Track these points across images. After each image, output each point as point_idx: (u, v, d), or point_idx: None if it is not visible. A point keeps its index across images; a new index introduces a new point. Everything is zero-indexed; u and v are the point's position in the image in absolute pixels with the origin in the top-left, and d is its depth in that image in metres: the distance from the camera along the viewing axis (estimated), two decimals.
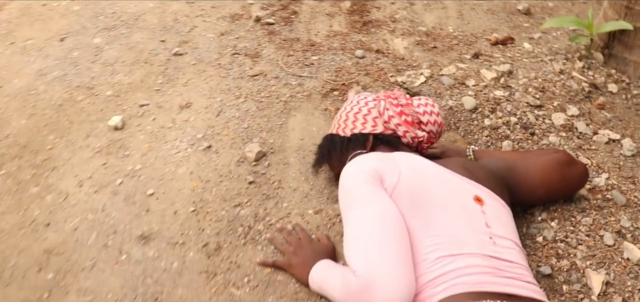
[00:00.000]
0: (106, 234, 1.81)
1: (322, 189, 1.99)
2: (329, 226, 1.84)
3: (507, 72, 2.64)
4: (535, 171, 1.78)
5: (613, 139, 2.25)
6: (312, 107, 2.45)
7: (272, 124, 2.33)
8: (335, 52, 2.93)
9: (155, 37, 3.06)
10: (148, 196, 1.96)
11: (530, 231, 1.83)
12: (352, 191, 1.45)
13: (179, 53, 2.88)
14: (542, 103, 2.42)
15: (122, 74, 2.70)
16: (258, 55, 2.88)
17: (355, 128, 1.82)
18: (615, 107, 2.49)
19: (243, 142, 2.21)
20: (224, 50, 2.93)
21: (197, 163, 2.10)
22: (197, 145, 2.19)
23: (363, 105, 1.87)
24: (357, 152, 1.78)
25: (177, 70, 2.74)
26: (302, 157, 2.15)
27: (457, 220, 1.42)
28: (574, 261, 1.72)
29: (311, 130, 2.30)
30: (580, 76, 2.60)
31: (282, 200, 1.95)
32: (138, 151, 2.17)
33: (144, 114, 2.39)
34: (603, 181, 2.02)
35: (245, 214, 1.88)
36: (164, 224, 1.84)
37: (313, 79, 2.66)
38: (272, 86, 2.60)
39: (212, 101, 2.47)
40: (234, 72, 2.71)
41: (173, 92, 2.55)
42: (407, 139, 1.80)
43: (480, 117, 2.35)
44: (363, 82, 2.62)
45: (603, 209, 1.91)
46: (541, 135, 2.25)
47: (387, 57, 2.88)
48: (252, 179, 2.02)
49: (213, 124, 2.32)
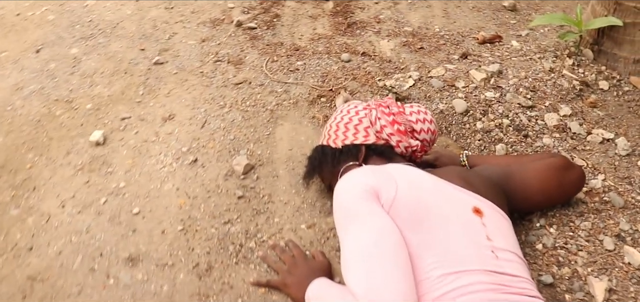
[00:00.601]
0: (92, 257, 1.76)
1: (313, 202, 1.95)
2: (323, 240, 1.81)
3: (496, 72, 2.61)
4: (533, 177, 1.75)
5: (607, 138, 2.24)
6: (300, 116, 2.41)
7: (259, 134, 2.29)
8: (321, 56, 2.89)
9: (134, 46, 3.00)
10: (134, 215, 1.91)
11: (529, 238, 1.80)
12: (348, 208, 1.41)
13: (160, 62, 2.83)
14: (534, 103, 2.40)
15: (101, 86, 2.64)
16: (241, 61, 2.84)
17: (347, 139, 1.78)
18: (607, 104, 2.47)
19: (230, 155, 2.16)
20: (205, 58, 2.88)
21: (183, 178, 2.05)
22: (183, 160, 2.14)
23: (353, 114, 1.82)
24: (350, 164, 1.74)
25: (159, 80, 2.69)
26: (291, 169, 2.11)
27: (457, 235, 1.39)
28: (575, 268, 1.70)
29: (299, 139, 2.26)
30: (570, 74, 2.59)
31: (273, 215, 1.91)
32: (121, 167, 2.12)
33: (126, 128, 2.34)
34: (600, 182, 2.00)
35: (236, 231, 1.84)
36: (152, 244, 1.80)
37: (299, 85, 2.62)
38: (257, 94, 2.55)
39: (196, 112, 2.43)
40: (217, 81, 2.67)
41: (155, 103, 2.50)
42: (400, 148, 1.76)
43: (472, 120, 2.33)
44: (351, 87, 2.58)
45: (601, 212, 1.89)
46: (534, 137, 2.23)
47: (373, 60, 2.85)
48: (241, 193, 1.98)
49: (198, 136, 2.27)
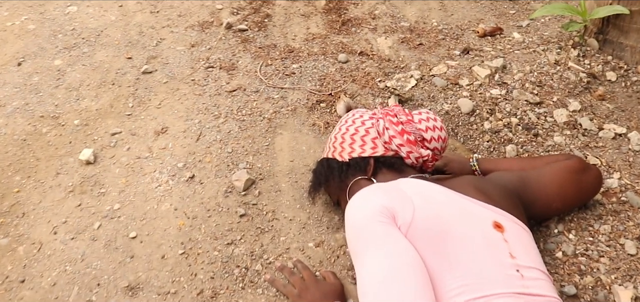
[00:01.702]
0: (89, 287, 1.70)
1: (320, 217, 1.90)
2: (332, 259, 1.75)
3: (500, 67, 2.57)
4: (550, 183, 1.70)
5: (619, 133, 2.20)
6: (299, 123, 2.35)
7: (258, 145, 2.23)
8: (317, 57, 2.83)
9: (120, 54, 2.93)
10: (131, 239, 1.85)
11: (548, 246, 1.76)
12: (362, 233, 1.35)
13: (148, 71, 2.76)
14: (541, 99, 2.36)
15: (88, 99, 2.57)
16: (234, 67, 2.78)
17: (354, 151, 1.72)
18: (616, 96, 2.43)
19: (229, 169, 2.10)
20: (196, 64, 2.82)
21: (181, 197, 1.99)
22: (179, 177, 2.08)
23: (360, 125, 1.76)
24: (358, 179, 1.68)
25: (148, 91, 2.62)
26: (294, 182, 2.05)
27: (480, 255, 1.34)
28: (599, 276, 1.66)
29: (301, 149, 2.20)
30: (576, 66, 2.55)
31: (278, 233, 1.85)
32: (114, 187, 2.06)
33: (116, 144, 2.28)
34: (616, 182, 1.97)
35: (240, 252, 1.79)
36: (152, 271, 1.74)
37: (296, 90, 2.56)
38: (253, 102, 2.49)
39: (190, 124, 2.36)
40: (210, 89, 2.60)
41: (146, 116, 2.44)
42: (411, 159, 1.71)
43: (479, 121, 2.28)
44: (350, 90, 2.53)
45: (620, 214, 1.85)
46: (545, 136, 2.19)
47: (372, 60, 2.79)
48: (243, 211, 1.92)
49: (193, 150, 2.21)
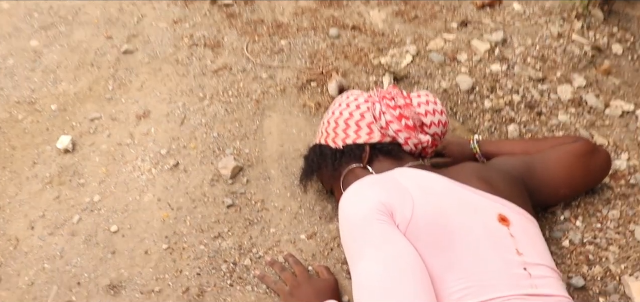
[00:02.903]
0: (68, 286, 1.64)
1: (312, 206, 1.84)
2: (326, 252, 1.70)
3: (500, 41, 2.50)
4: (557, 169, 1.64)
5: (627, 110, 2.15)
6: (289, 104, 2.28)
7: (246, 129, 2.16)
8: (306, 33, 2.75)
9: (99, 33, 2.84)
10: (112, 234, 1.79)
11: (554, 234, 1.71)
12: (358, 231, 1.28)
13: (129, 50, 2.67)
14: (544, 75, 2.30)
15: (66, 82, 2.49)
16: (219, 44, 2.69)
17: (348, 137, 1.65)
18: (622, 70, 2.38)
19: (215, 156, 2.04)
20: (179, 42, 2.73)
21: (165, 187, 1.92)
22: (162, 164, 2.01)
23: (354, 108, 1.68)
24: (353, 167, 1.61)
25: (129, 72, 2.54)
26: (284, 168, 1.99)
27: (484, 253, 1.28)
28: (608, 266, 1.61)
29: (291, 132, 2.13)
30: (580, 39, 2.48)
31: (268, 224, 1.79)
32: (94, 177, 1.99)
33: (96, 130, 2.20)
34: (624, 163, 1.92)
35: (228, 246, 1.73)
36: (135, 267, 1.68)
37: (285, 68, 2.49)
38: (239, 82, 2.42)
39: (173, 107, 2.29)
40: (194, 68, 2.52)
41: (127, 99, 2.36)
42: (409, 146, 1.64)
43: (479, 99, 2.22)
44: (343, 67, 2.45)
45: (629, 197, 1.81)
46: (549, 115, 2.13)
47: (364, 34, 2.71)
48: (230, 201, 1.86)
49: (177, 135, 2.14)
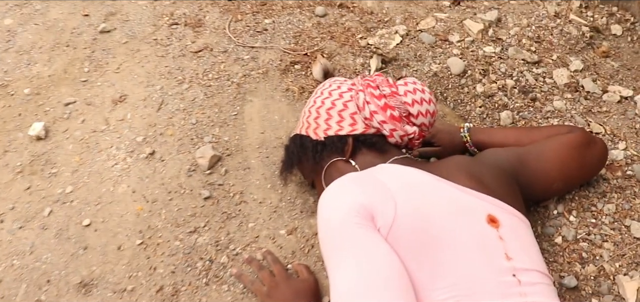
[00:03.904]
0: (38, 284, 1.59)
1: (293, 199, 1.79)
2: (306, 249, 1.65)
3: (495, 21, 2.44)
4: (551, 162, 1.58)
5: (625, 96, 2.10)
6: (271, 88, 2.22)
7: (225, 115, 2.10)
8: (292, 11, 2.68)
9: (76, 11, 2.77)
10: (84, 228, 1.74)
11: (546, 230, 1.66)
12: (336, 236, 1.23)
13: (106, 30, 2.61)
14: (540, 57, 2.24)
15: (40, 64, 2.42)
16: (200, 23, 2.63)
17: (330, 128, 1.59)
18: (621, 53, 2.32)
19: (193, 144, 1.98)
20: (159, 21, 2.66)
21: (140, 177, 1.87)
22: (138, 153, 1.96)
23: (337, 97, 1.62)
24: (335, 160, 1.56)
25: (106, 53, 2.47)
26: (265, 157, 1.94)
27: (471, 259, 1.23)
28: (602, 265, 1.57)
29: (272, 119, 2.08)
30: (578, 19, 2.42)
31: (246, 219, 1.74)
32: (67, 166, 1.94)
33: (70, 115, 2.14)
34: (621, 153, 1.87)
35: (204, 242, 1.68)
36: (107, 264, 1.64)
37: (268, 49, 2.43)
38: (220, 63, 2.36)
39: (151, 90, 2.23)
40: (173, 49, 2.46)
41: (103, 82, 2.30)
42: (394, 138, 1.57)
43: (471, 83, 2.16)
44: (328, 48, 2.39)
45: (625, 190, 1.76)
46: (544, 100, 2.08)
47: (352, 13, 2.65)
48: (207, 193, 1.81)
49: (154, 121, 2.08)
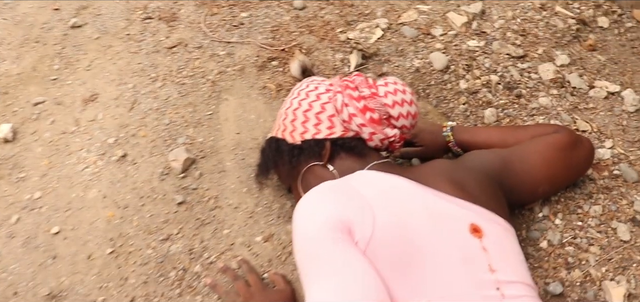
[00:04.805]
0: (4, 296, 1.56)
1: (270, 204, 1.76)
2: (283, 257, 1.62)
3: (479, 13, 2.41)
4: (536, 165, 1.55)
5: (612, 91, 2.08)
6: (247, 86, 2.19)
7: (200, 114, 2.06)
8: (269, 3, 2.65)
9: (46, 5, 2.72)
10: (53, 236, 1.71)
11: (531, 234, 1.64)
12: (313, 250, 1.19)
13: (78, 25, 2.56)
14: (525, 51, 2.22)
15: (9, 61, 2.37)
16: (175, 17, 2.58)
17: (307, 132, 1.55)
18: (608, 46, 2.30)
19: (166, 145, 1.95)
20: (132, 15, 2.62)
21: (111, 181, 1.83)
22: (109, 155, 1.92)
23: (314, 99, 1.58)
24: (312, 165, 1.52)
25: (77, 49, 2.43)
26: (240, 159, 1.90)
27: (453, 273, 1.20)
28: (588, 270, 1.55)
29: (249, 119, 2.04)
30: (564, 11, 2.40)
31: (221, 225, 1.71)
32: (36, 170, 1.90)
33: (39, 116, 2.10)
34: (608, 152, 1.85)
35: (177, 250, 1.65)
36: (77, 275, 1.61)
37: (245, 45, 2.38)
38: (195, 60, 2.32)
39: (123, 89, 2.19)
40: (147, 45, 2.42)
41: (74, 80, 2.26)
42: (374, 142, 1.54)
43: (455, 79, 2.13)
44: (307, 43, 2.36)
45: (612, 191, 1.74)
46: (529, 97, 2.06)
47: (332, 5, 2.61)
48: (181, 198, 1.77)
49: (126, 121, 2.04)
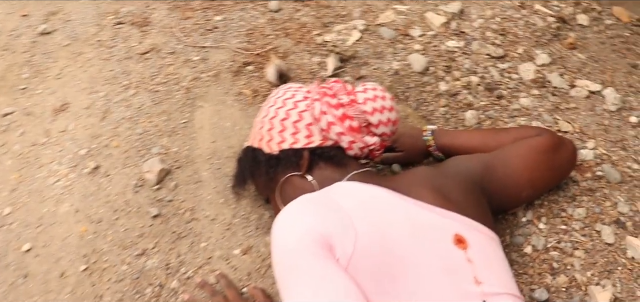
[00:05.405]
0: None
1: (247, 215, 1.73)
2: (262, 269, 1.60)
3: (458, 12, 2.40)
4: (519, 169, 1.54)
5: (593, 90, 2.09)
6: (222, 92, 2.16)
7: (174, 123, 2.03)
8: (244, 6, 2.62)
9: (14, 11, 2.68)
10: (24, 253, 1.67)
11: (515, 240, 1.63)
12: (293, 267, 1.17)
13: (47, 31, 2.52)
14: (505, 51, 2.22)
15: None
16: (147, 22, 2.55)
17: (284, 141, 1.52)
18: (588, 44, 2.30)
19: (140, 156, 1.91)
20: (103, 20, 2.58)
21: (83, 195, 1.80)
22: (81, 167, 1.89)
23: (291, 107, 1.55)
24: (290, 175, 1.50)
25: (47, 57, 2.39)
26: (217, 169, 1.88)
27: (438, 287, 1.18)
28: (573, 274, 1.54)
29: (224, 126, 2.02)
30: (544, 9, 2.41)
31: (198, 238, 1.68)
32: (5, 184, 1.87)
33: (8, 127, 2.06)
34: (591, 153, 1.85)
35: (153, 265, 1.62)
36: (49, 294, 1.57)
37: (219, 49, 2.36)
38: (168, 66, 2.28)
39: (95, 97, 2.15)
40: (118, 52, 2.38)
41: (44, 89, 2.22)
42: (354, 150, 1.52)
43: (434, 81, 2.12)
44: (283, 47, 2.33)
45: (595, 192, 1.74)
46: (510, 98, 2.06)
47: (308, 6, 2.59)
48: (156, 211, 1.74)
49: (98, 132, 2.00)
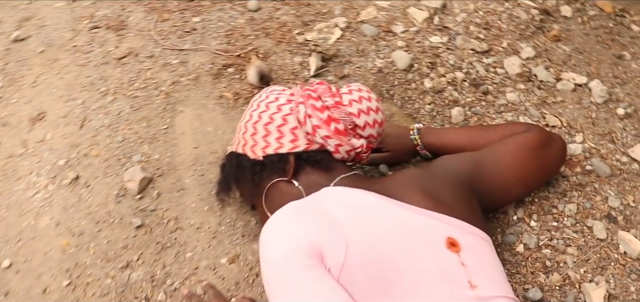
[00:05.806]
0: None
1: (233, 222, 1.71)
2: (250, 278, 1.57)
3: (440, 7, 2.39)
4: (509, 167, 1.54)
5: (579, 83, 2.09)
6: (203, 96, 2.13)
7: (155, 129, 2.00)
8: (222, 6, 2.59)
9: None
10: (5, 270, 1.63)
11: (507, 239, 1.62)
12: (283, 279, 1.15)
13: (21, 38, 2.47)
14: (489, 46, 2.21)
15: None
16: (124, 25, 2.51)
17: (269, 146, 1.50)
18: (572, 35, 2.31)
19: (120, 164, 1.88)
20: (78, 25, 2.53)
21: (64, 207, 1.77)
22: (60, 178, 1.85)
23: (275, 111, 1.52)
24: (276, 181, 1.47)
25: (21, 64, 2.34)
26: (200, 175, 1.85)
27: (433, 293, 1.16)
28: (567, 272, 1.54)
29: (206, 131, 1.99)
30: (527, 2, 2.40)
31: (183, 248, 1.65)
32: None
33: None
34: (579, 148, 1.86)
35: (139, 277, 1.59)
36: None
37: (199, 51, 2.33)
38: (147, 70, 2.25)
39: (72, 105, 2.12)
40: (95, 57, 2.34)
41: (19, 98, 2.17)
42: (340, 153, 1.49)
43: (419, 78, 2.11)
44: (264, 47, 2.31)
45: (585, 187, 1.74)
46: (496, 93, 2.05)
47: (288, 5, 2.57)
48: (139, 221, 1.71)
49: (77, 140, 1.97)
